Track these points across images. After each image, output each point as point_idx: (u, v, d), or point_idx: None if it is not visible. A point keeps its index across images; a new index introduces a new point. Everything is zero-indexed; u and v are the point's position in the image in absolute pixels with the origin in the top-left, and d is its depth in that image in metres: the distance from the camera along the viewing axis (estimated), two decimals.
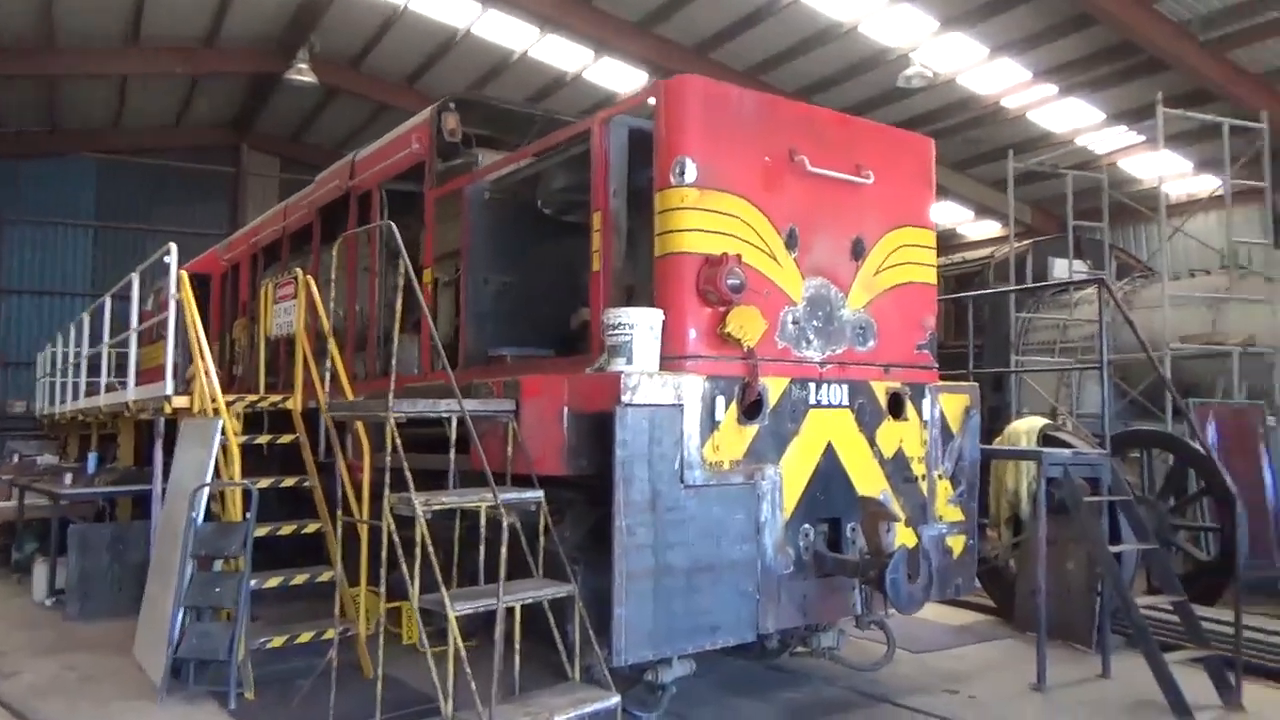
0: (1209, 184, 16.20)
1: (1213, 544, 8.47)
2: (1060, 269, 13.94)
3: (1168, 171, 16.46)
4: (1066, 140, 15.86)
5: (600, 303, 4.76)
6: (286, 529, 5.74)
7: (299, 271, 6.92)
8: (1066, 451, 6.65)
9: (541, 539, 4.43)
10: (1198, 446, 8.31)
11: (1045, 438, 7.79)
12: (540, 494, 4.30)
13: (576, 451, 4.40)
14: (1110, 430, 6.88)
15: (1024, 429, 8.10)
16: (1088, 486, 6.36)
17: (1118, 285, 12.96)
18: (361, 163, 7.71)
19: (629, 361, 4.32)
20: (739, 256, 4.59)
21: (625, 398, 4.13)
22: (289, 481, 5.81)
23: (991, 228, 21.29)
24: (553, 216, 6.12)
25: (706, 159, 4.57)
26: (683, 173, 4.51)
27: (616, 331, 4.37)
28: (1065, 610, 7.11)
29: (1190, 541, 8.64)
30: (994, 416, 13.25)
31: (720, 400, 4.48)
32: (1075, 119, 15.64)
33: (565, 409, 4.45)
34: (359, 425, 5.59)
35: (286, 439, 6.01)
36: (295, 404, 6.12)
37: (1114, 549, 6.27)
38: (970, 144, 17.27)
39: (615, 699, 4.03)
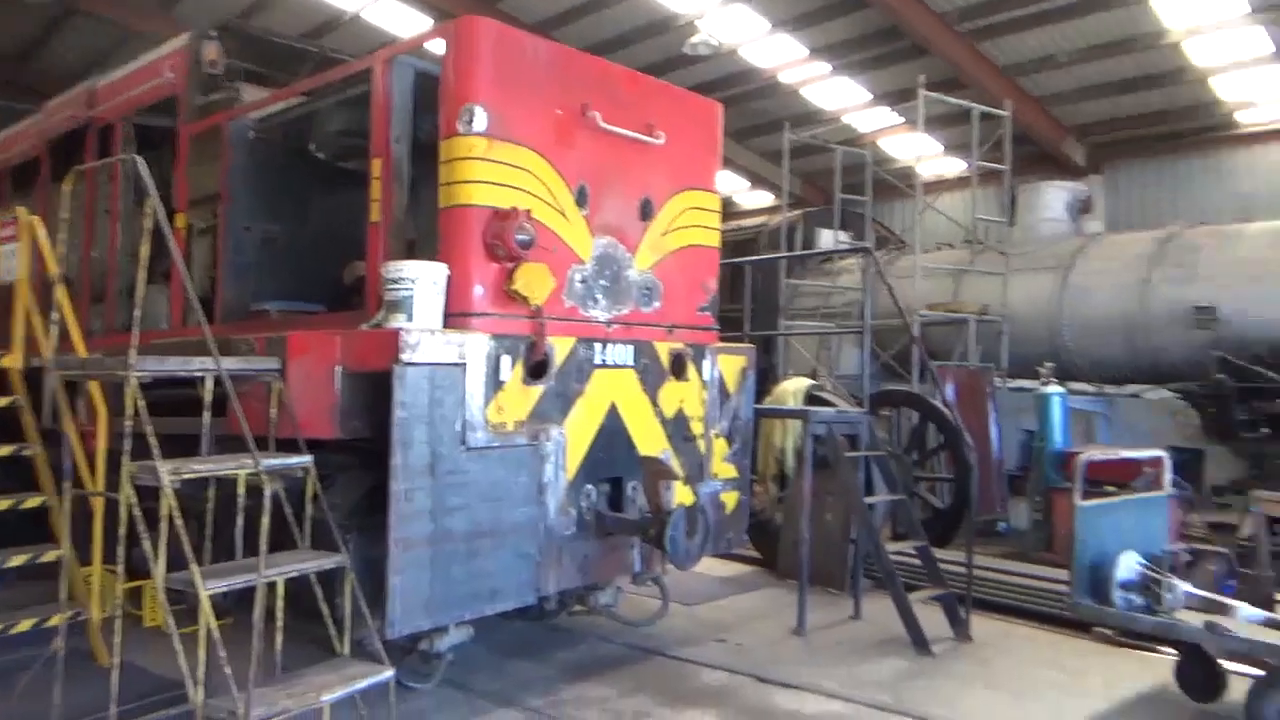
0: (957, 165, 17.80)
1: (948, 493, 9.35)
2: (827, 239, 14.82)
3: (923, 152, 17.88)
4: (835, 117, 16.79)
5: (379, 256, 4.49)
6: (1, 504, 5.06)
7: (22, 211, 6.06)
8: (831, 410, 7.07)
9: (309, 507, 4.15)
10: (940, 405, 9.12)
11: (810, 397, 8.25)
12: (309, 459, 4.02)
13: (350, 413, 4.14)
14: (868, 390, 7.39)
15: (791, 389, 8.53)
16: (847, 443, 6.82)
17: (878, 256, 13.98)
18: (104, 91, 6.84)
19: (409, 318, 4.10)
20: (528, 212, 4.46)
21: (405, 356, 3.92)
22: (3, 450, 5.10)
23: (765, 198, 22.27)
24: (327, 162, 5.71)
25: (497, 108, 4.39)
26: (471, 121, 4.30)
27: (397, 286, 4.13)
28: (824, 559, 7.61)
29: (929, 491, 9.50)
30: (763, 378, 14.01)
31: (505, 360, 4.37)
32: (844, 98, 16.57)
33: (338, 368, 4.18)
34: (93, 386, 4.99)
35: (3, 401, 5.27)
36: (14, 361, 5.37)
37: (868, 500, 6.78)
38: (748, 115, 17.90)
39: (389, 673, 3.86)
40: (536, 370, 4.52)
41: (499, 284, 4.38)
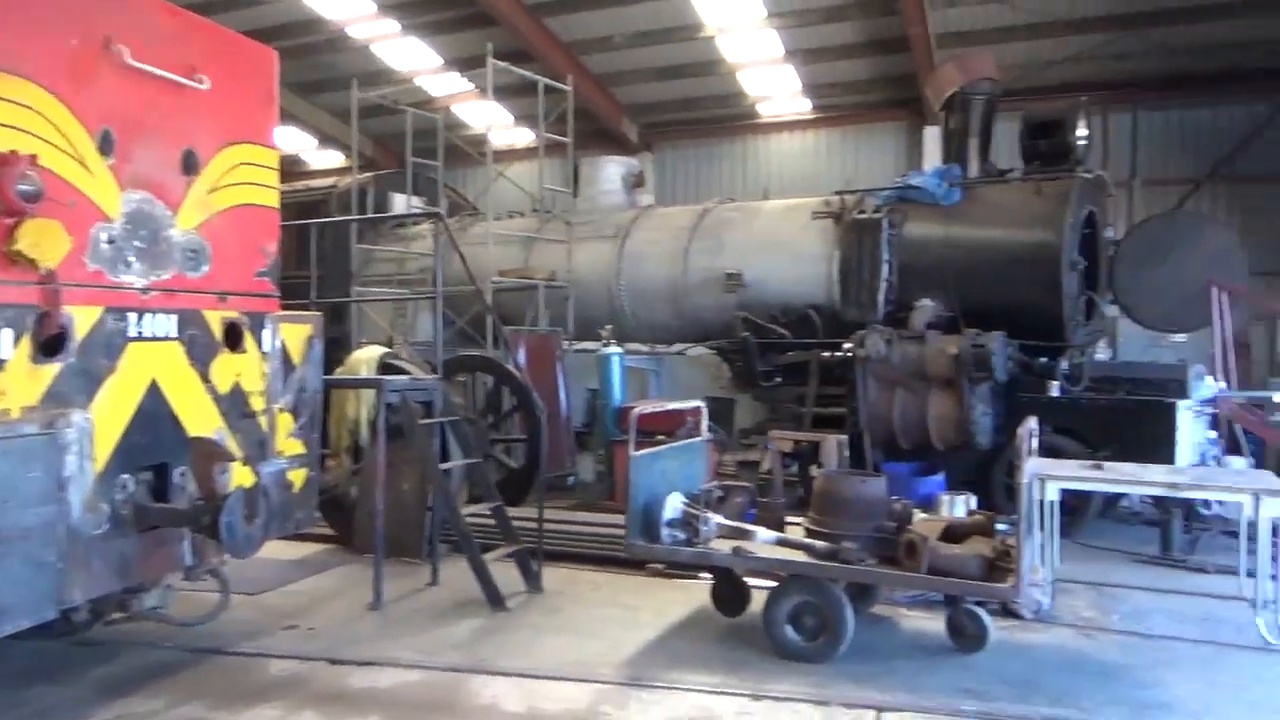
0: (527, 135, 18.46)
1: (522, 453, 9.75)
2: (399, 203, 14.55)
3: (495, 121, 18.23)
4: (407, 79, 16.47)
5: None
6: None
7: None
8: (404, 379, 6.98)
9: None
10: (512, 369, 9.46)
11: (384, 366, 8.07)
12: None
13: None
14: (442, 356, 7.41)
15: (364, 358, 8.26)
16: (422, 410, 6.79)
17: (450, 222, 14.05)
18: None
19: None
20: (34, 157, 3.77)
21: None
22: None
23: (335, 158, 21.28)
24: None
25: None
26: None
27: None
28: (401, 529, 7.54)
29: (504, 452, 9.85)
30: (335, 347, 13.45)
31: (7, 334, 3.67)
32: (416, 59, 16.29)
33: None
34: None
35: None
36: None
37: (443, 466, 6.83)
38: (317, 69, 16.93)
39: None
40: (51, 346, 3.86)
41: None
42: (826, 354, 9.57)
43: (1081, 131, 9.17)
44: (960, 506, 7.22)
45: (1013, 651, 5.47)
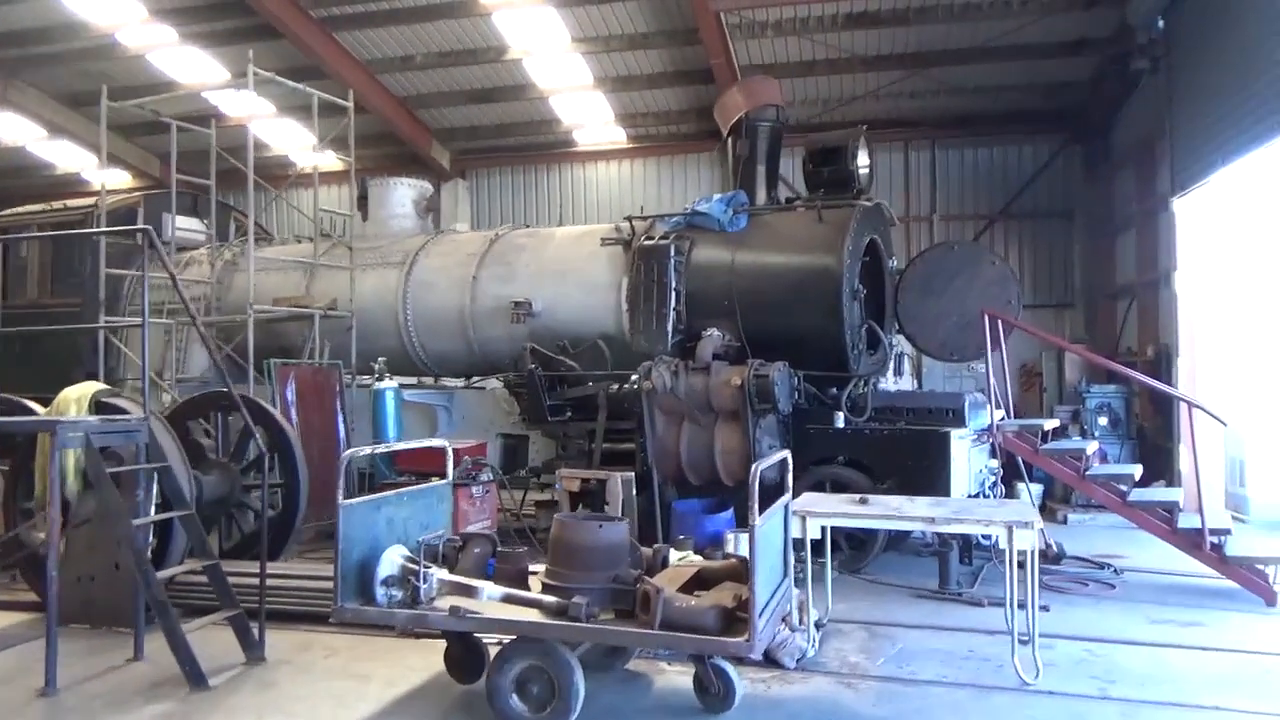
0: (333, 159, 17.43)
1: (282, 500, 8.78)
2: (178, 225, 13.38)
3: (299, 141, 17.13)
4: (189, 91, 15.22)
5: None
6: None
7: None
8: (92, 419, 6.01)
9: None
10: (267, 406, 8.53)
11: (99, 405, 7.05)
12: None
13: None
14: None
15: (74, 396, 7.18)
16: (132, 452, 5.88)
17: (230, 246, 12.93)
18: None
19: None
20: None
21: None
22: None
23: (122, 177, 19.54)
24: None
25: None
26: None
27: None
28: (114, 592, 6.53)
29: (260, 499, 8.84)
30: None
31: None
32: (199, 71, 15.05)
33: None
34: None
35: None
36: None
37: (138, 521, 5.88)
38: (86, 79, 15.40)
39: None
40: None
41: None
42: (615, 387, 9.11)
43: (862, 160, 9.13)
44: (745, 545, 6.84)
45: (765, 708, 5.04)
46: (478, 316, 10.31)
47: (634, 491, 8.59)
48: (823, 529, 5.90)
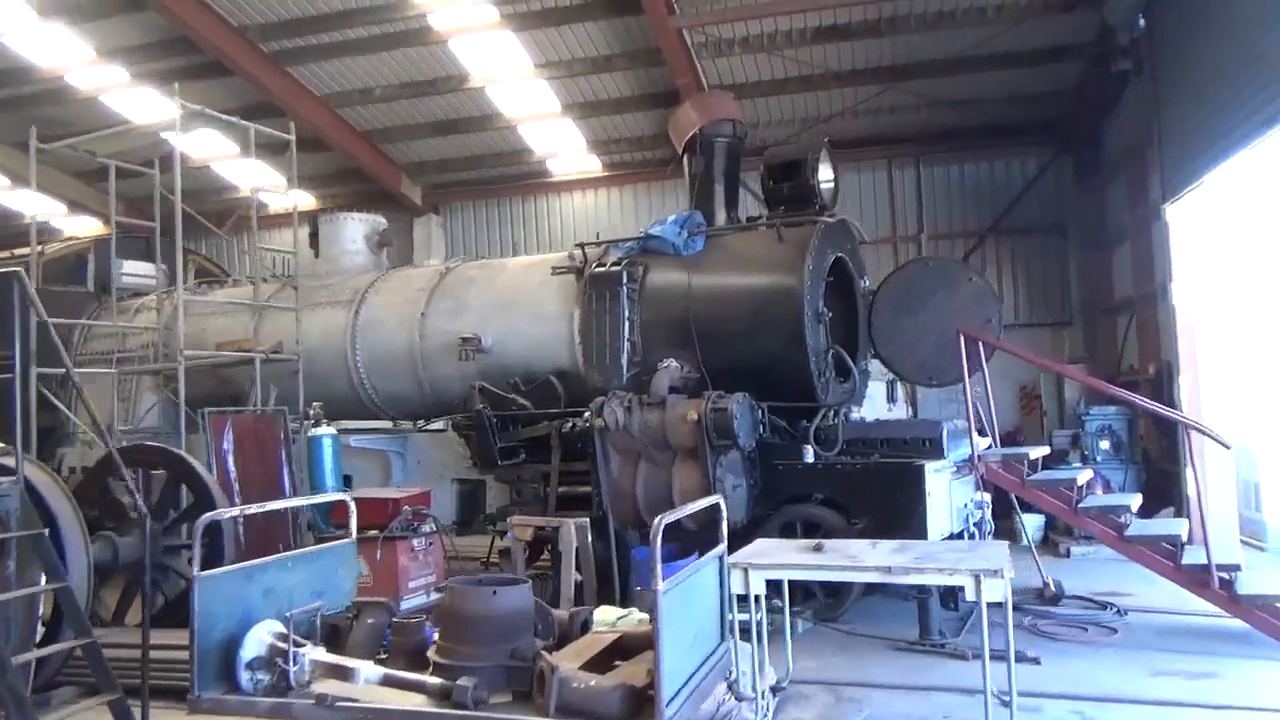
0: (304, 198, 17.02)
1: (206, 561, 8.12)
2: (130, 270, 12.94)
3: (262, 181, 16.68)
4: (120, 130, 14.80)
5: None
6: None
7: None
8: None
9: None
10: (190, 460, 7.91)
11: None
12: None
13: None
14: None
15: None
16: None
17: (187, 288, 12.40)
18: None
19: None
20: None
21: None
22: None
23: (91, 224, 19.12)
24: None
25: None
26: None
27: None
28: None
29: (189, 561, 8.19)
30: (46, 439, 11.54)
31: None
32: (153, 112, 14.60)
33: None
34: None
35: None
36: None
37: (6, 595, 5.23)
38: (40, 123, 14.95)
39: None
40: None
41: None
42: (569, 425, 8.45)
43: (824, 174, 8.52)
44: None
45: None
46: (427, 355, 9.69)
47: (589, 539, 7.91)
48: (775, 581, 5.23)
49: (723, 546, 4.87)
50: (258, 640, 4.35)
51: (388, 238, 11.36)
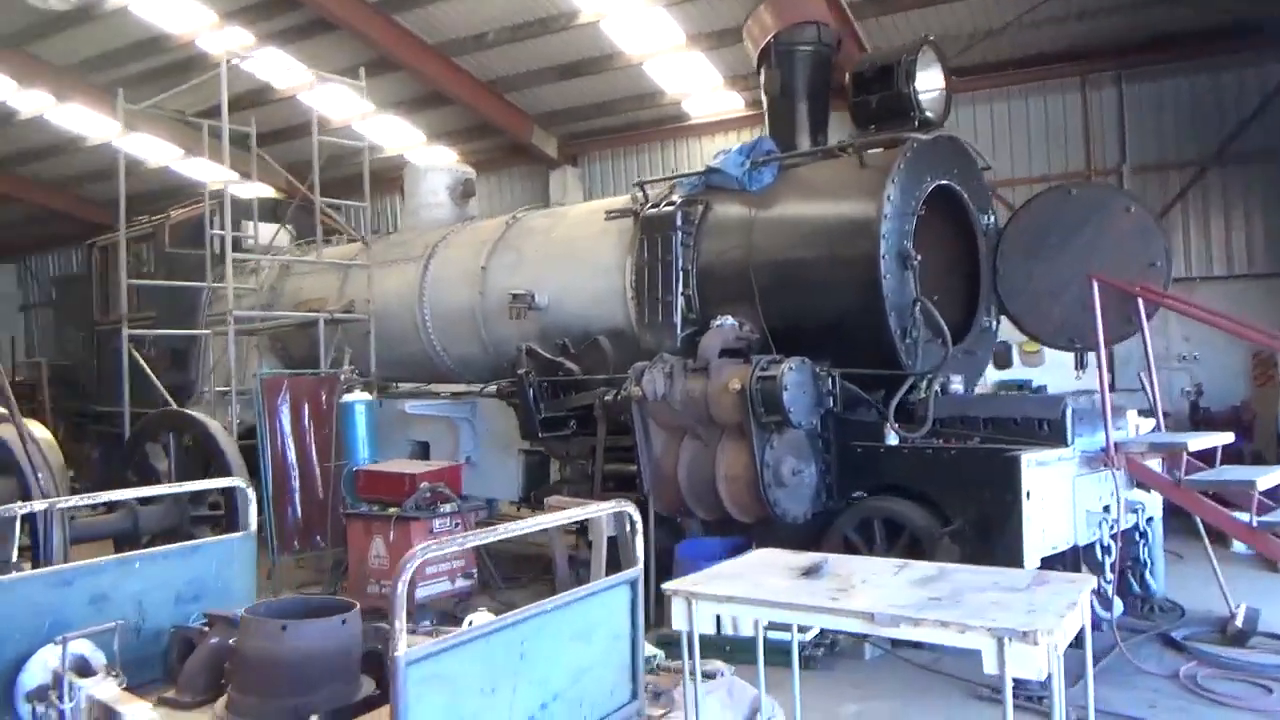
0: (446, 155, 16.76)
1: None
2: (264, 233, 12.98)
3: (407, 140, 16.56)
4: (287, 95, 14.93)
5: None
6: None
7: None
8: None
9: None
10: (211, 425, 7.43)
11: None
12: None
13: None
14: None
15: None
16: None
17: (290, 249, 12.28)
18: None
19: None
20: None
21: None
22: None
23: (266, 190, 19.85)
24: None
25: None
26: None
27: None
28: None
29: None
30: (182, 395, 11.80)
31: None
32: (287, 75, 14.63)
33: None
34: None
35: None
36: None
37: None
38: (194, 94, 15.40)
39: None
40: None
41: None
42: (612, 394, 7.25)
43: (928, 80, 6.69)
44: None
45: None
46: (488, 313, 8.78)
47: (629, 528, 6.71)
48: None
49: (637, 568, 3.55)
50: (44, 667, 3.53)
51: (471, 188, 10.53)
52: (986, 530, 5.52)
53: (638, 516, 3.73)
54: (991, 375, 11.44)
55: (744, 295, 6.81)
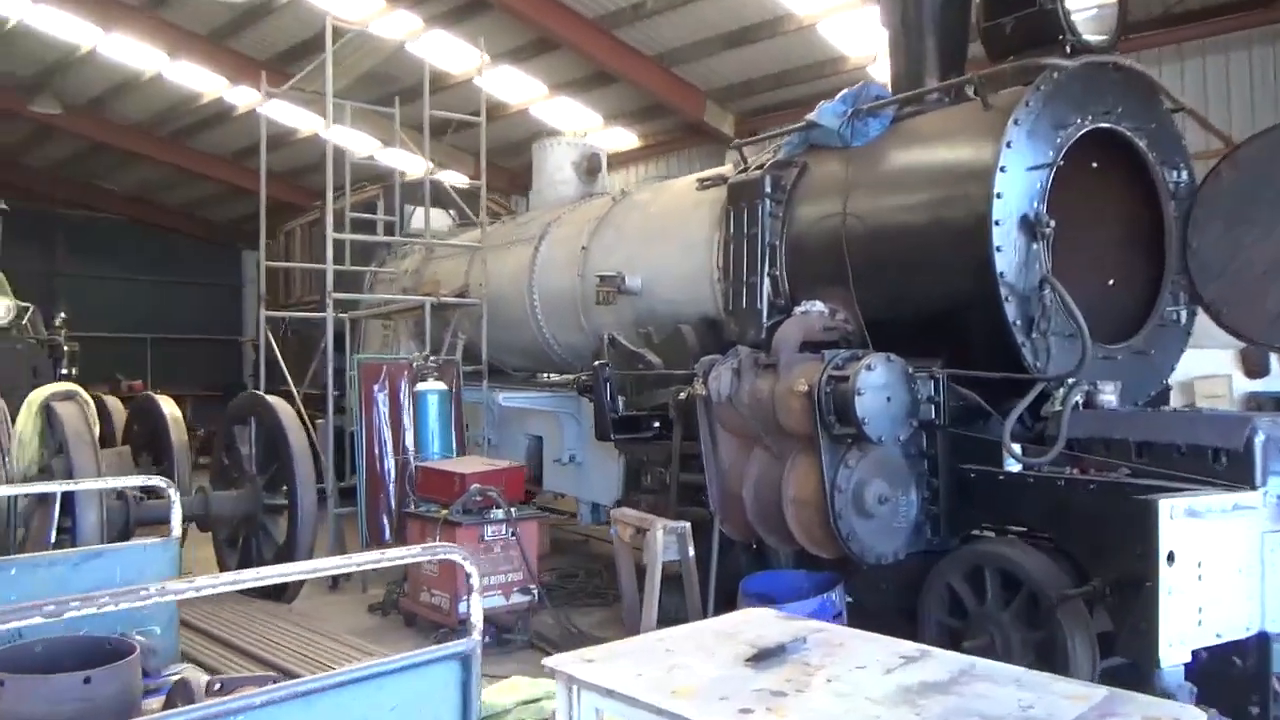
0: (628, 139, 16.19)
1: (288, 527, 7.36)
2: (418, 218, 12.94)
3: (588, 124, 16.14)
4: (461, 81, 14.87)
5: None
6: None
7: None
8: None
9: None
10: (280, 409, 7.14)
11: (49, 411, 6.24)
12: None
13: None
14: None
15: (35, 399, 6.47)
16: None
17: (439, 231, 12.09)
18: None
19: None
20: None
21: None
22: None
23: (458, 179, 20.23)
24: None
25: None
26: None
27: None
28: None
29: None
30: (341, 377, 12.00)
31: None
32: (455, 60, 14.58)
33: None
34: None
35: None
36: None
37: None
38: (378, 83, 15.79)
39: None
40: None
41: None
42: (684, 394, 6.18)
43: None
44: None
45: None
46: (586, 297, 7.96)
47: (690, 550, 5.67)
48: None
49: (473, 636, 2.55)
50: None
51: (597, 163, 9.74)
52: (1129, 599, 3.98)
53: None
54: (1239, 385, 9.22)
55: (838, 276, 5.51)
